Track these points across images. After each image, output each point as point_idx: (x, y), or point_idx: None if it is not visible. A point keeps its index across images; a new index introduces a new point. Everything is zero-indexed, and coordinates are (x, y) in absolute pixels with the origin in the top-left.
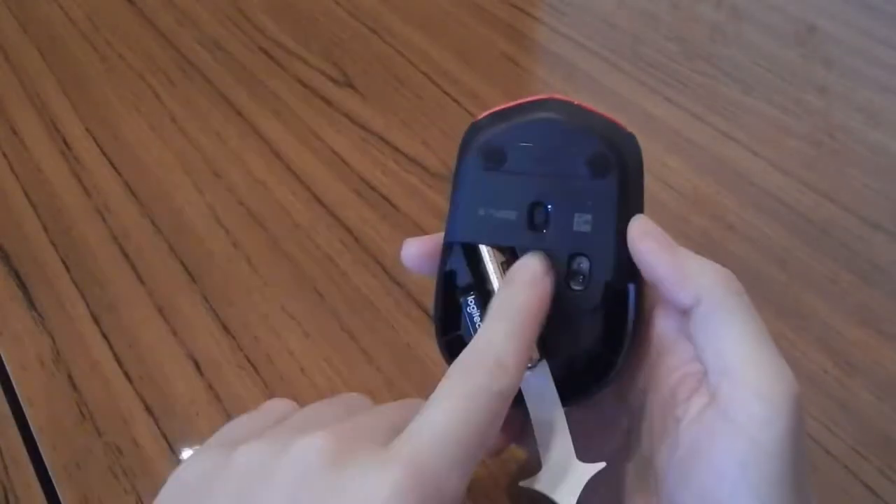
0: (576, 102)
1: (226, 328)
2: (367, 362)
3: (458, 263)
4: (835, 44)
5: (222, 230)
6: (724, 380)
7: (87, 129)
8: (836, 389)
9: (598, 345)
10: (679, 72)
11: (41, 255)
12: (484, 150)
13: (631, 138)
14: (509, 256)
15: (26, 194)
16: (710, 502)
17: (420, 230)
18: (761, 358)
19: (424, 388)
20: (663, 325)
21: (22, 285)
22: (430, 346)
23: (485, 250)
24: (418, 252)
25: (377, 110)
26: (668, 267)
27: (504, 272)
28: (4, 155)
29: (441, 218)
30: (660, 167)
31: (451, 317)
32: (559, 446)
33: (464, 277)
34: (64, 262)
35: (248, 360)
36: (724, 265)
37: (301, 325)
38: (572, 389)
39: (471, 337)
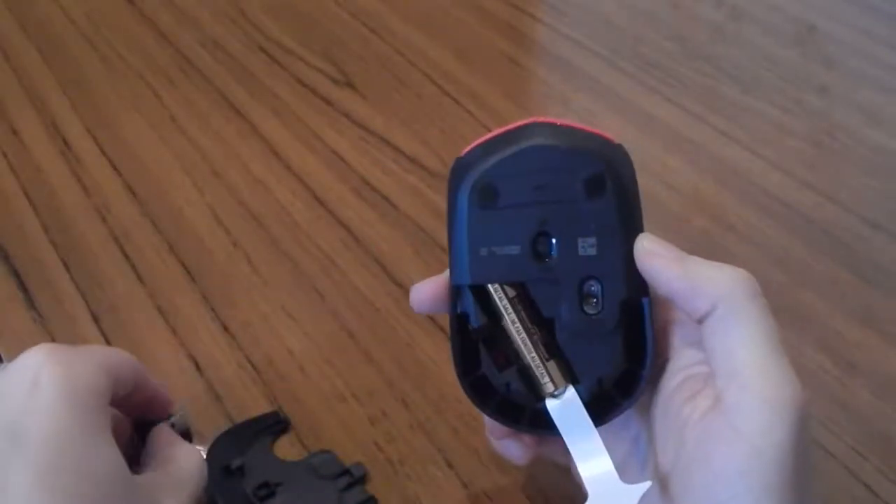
0: (558, 122)
1: (226, 328)
2: (366, 362)
3: (469, 305)
4: (835, 44)
5: (222, 230)
6: (730, 383)
7: (87, 129)
8: (836, 389)
9: (622, 362)
10: (679, 72)
11: (41, 255)
12: (476, 189)
13: (620, 150)
14: (519, 290)
15: (26, 194)
16: None
17: (420, 230)
18: (769, 364)
19: (424, 387)
20: (672, 334)
21: (22, 285)
22: (429, 346)
23: (494, 289)
24: (428, 296)
25: (377, 110)
26: (679, 281)
27: (515, 307)
28: (4, 155)
29: (440, 218)
30: (660, 167)
31: (470, 356)
32: (601, 471)
33: (477, 318)
34: (64, 262)
35: (248, 360)
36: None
37: (301, 325)
38: (603, 409)
39: (492, 374)
